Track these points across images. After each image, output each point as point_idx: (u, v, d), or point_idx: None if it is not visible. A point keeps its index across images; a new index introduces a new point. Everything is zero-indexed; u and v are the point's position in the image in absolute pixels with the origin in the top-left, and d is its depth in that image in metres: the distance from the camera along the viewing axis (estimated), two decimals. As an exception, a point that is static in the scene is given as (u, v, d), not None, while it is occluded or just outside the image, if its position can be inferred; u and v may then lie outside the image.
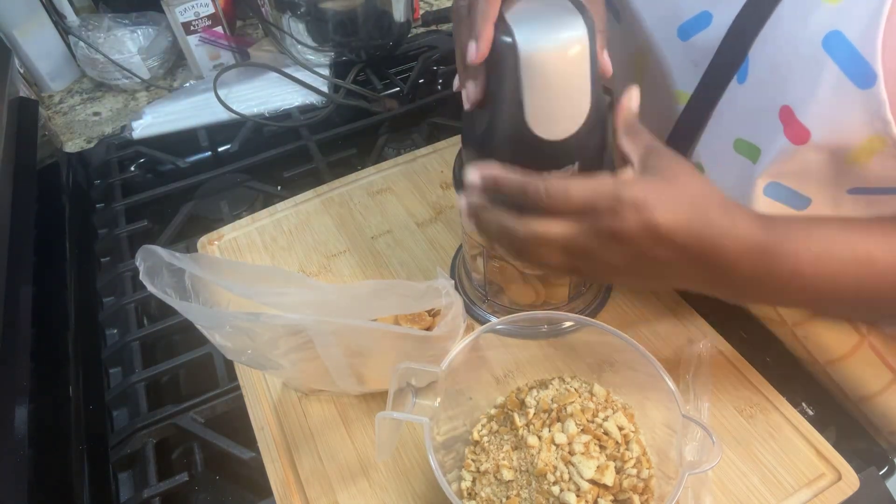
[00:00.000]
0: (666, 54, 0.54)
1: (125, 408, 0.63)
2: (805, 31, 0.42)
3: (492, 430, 0.51)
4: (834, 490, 0.49)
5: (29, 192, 0.75)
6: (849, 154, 0.43)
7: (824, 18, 0.41)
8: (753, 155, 0.49)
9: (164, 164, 0.88)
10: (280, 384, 0.59)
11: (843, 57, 0.40)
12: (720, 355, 0.57)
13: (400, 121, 0.93)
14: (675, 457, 0.45)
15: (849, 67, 0.40)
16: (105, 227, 0.81)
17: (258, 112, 0.90)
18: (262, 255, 0.71)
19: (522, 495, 0.45)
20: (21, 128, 0.80)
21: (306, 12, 0.92)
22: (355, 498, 0.51)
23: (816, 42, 0.41)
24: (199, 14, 0.96)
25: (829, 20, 0.41)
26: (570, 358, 0.57)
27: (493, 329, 0.53)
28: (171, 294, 0.43)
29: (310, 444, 0.55)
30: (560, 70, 0.43)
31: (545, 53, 0.42)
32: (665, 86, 0.55)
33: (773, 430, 0.52)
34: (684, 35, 0.51)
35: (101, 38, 0.98)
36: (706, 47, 0.50)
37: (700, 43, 0.50)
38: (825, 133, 0.42)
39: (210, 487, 0.57)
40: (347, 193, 0.76)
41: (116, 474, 0.58)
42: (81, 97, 1.03)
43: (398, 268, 0.68)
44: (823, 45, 0.41)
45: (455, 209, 0.72)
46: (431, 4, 1.18)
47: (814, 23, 0.41)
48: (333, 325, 0.45)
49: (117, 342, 0.66)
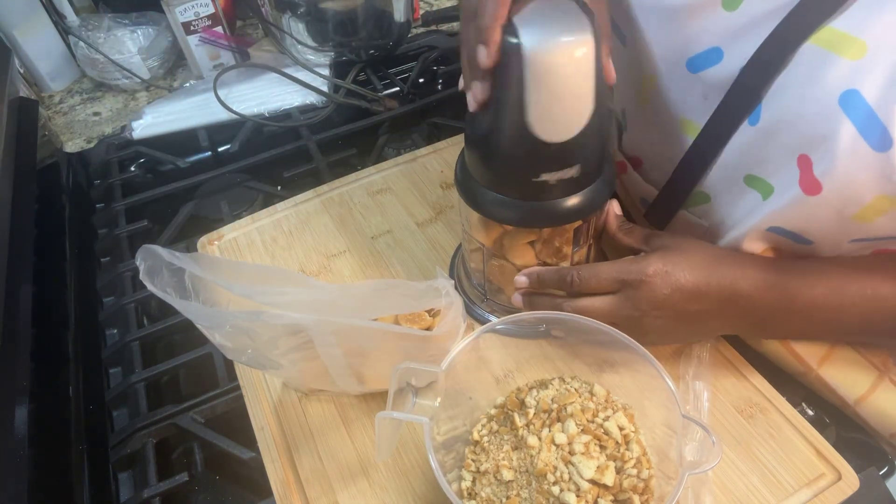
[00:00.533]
0: (674, 83, 0.54)
1: (125, 408, 0.63)
2: (822, 85, 0.42)
3: (492, 430, 0.51)
4: (834, 490, 0.49)
5: (29, 192, 0.75)
6: (856, 211, 0.44)
7: (842, 74, 0.41)
8: (766, 191, 0.49)
9: (164, 164, 0.88)
10: (280, 384, 0.59)
11: (860, 117, 0.40)
12: (720, 355, 0.57)
13: (400, 121, 0.93)
14: (675, 457, 0.45)
15: (865, 128, 0.40)
16: (105, 227, 0.81)
17: (258, 112, 0.90)
18: (262, 255, 0.71)
19: (522, 495, 0.45)
20: (21, 128, 0.80)
21: (306, 12, 0.92)
22: (355, 498, 0.51)
23: (833, 99, 0.41)
24: (199, 14, 0.96)
25: (846, 77, 0.40)
26: (570, 358, 0.57)
27: (493, 329, 0.53)
28: (172, 293, 0.43)
29: (310, 444, 0.55)
30: (564, 72, 0.43)
31: (550, 55, 0.42)
32: (672, 113, 0.55)
33: (773, 430, 0.52)
34: (693, 68, 0.51)
35: (101, 38, 0.98)
36: (717, 83, 0.49)
37: (710, 78, 0.50)
38: (836, 189, 0.43)
39: (210, 487, 0.57)
40: (347, 193, 0.76)
41: (116, 474, 0.58)
42: (81, 97, 1.03)
43: (398, 268, 0.68)
44: (840, 103, 0.41)
45: (455, 209, 0.72)
46: (431, 4, 1.18)
47: (831, 77, 0.41)
48: (333, 325, 0.45)
49: (117, 342, 0.66)
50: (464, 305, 0.50)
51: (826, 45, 0.42)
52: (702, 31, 0.49)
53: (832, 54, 0.41)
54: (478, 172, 0.51)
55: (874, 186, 0.41)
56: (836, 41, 0.41)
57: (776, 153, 0.46)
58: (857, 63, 0.40)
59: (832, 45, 0.41)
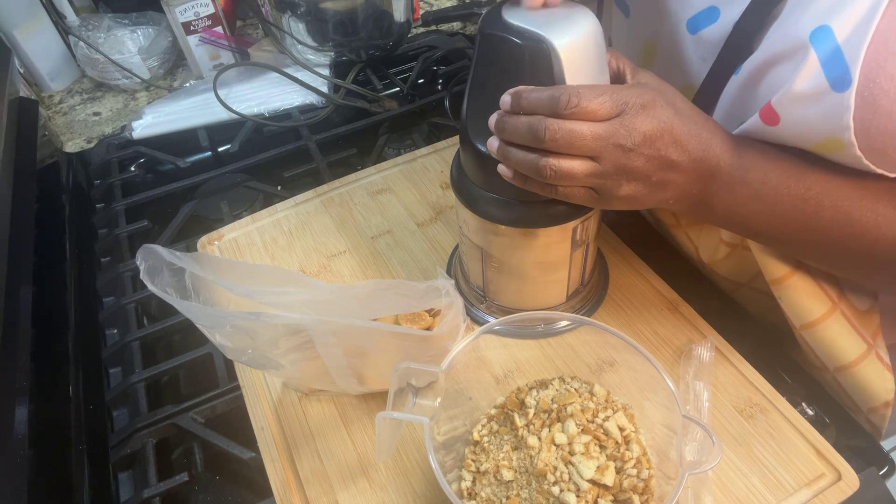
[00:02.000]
0: (674, 47, 0.54)
1: (125, 408, 0.63)
2: (798, 23, 0.42)
3: (492, 431, 0.51)
4: (834, 490, 0.49)
5: (29, 192, 0.75)
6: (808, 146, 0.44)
7: (819, 12, 0.41)
8: None
9: (164, 164, 0.88)
10: (280, 384, 0.59)
11: (825, 52, 0.40)
12: (720, 355, 0.57)
13: (400, 121, 0.93)
14: (675, 457, 0.45)
15: (828, 65, 0.40)
16: (105, 227, 0.81)
17: (258, 112, 0.90)
18: (262, 255, 0.71)
19: (522, 495, 0.45)
20: (21, 128, 0.80)
21: (306, 12, 0.92)
22: (355, 498, 0.51)
23: (805, 33, 0.41)
24: (199, 14, 0.96)
25: (822, 14, 0.41)
26: (569, 358, 0.57)
27: (493, 330, 0.53)
28: (172, 293, 0.43)
29: (310, 444, 0.55)
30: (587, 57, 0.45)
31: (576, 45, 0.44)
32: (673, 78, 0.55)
33: (773, 430, 0.52)
34: (693, 28, 0.52)
35: (101, 38, 0.98)
36: (713, 42, 0.50)
37: (707, 37, 0.51)
38: (792, 124, 0.43)
39: (210, 487, 0.57)
40: (347, 193, 0.76)
41: (116, 474, 0.58)
42: (81, 97, 1.03)
43: (398, 268, 0.68)
44: (810, 37, 0.41)
45: (454, 209, 0.72)
46: (431, 4, 1.18)
47: (809, 14, 0.42)
48: (333, 325, 0.45)
49: (117, 342, 0.66)
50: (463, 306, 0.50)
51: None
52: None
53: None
54: (473, 173, 0.52)
55: (826, 126, 0.41)
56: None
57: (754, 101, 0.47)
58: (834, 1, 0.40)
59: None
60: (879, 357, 0.55)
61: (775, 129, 0.45)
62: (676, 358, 0.57)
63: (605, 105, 0.42)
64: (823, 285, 0.55)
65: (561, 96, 0.42)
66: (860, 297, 0.57)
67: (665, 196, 0.45)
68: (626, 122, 0.42)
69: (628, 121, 0.42)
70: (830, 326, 0.54)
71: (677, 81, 0.55)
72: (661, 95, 0.43)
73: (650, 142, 0.42)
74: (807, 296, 0.54)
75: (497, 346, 0.56)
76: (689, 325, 0.60)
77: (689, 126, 0.43)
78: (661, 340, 0.59)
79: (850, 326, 0.55)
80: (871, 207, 0.45)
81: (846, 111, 0.40)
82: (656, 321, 0.60)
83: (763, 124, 0.45)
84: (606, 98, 0.42)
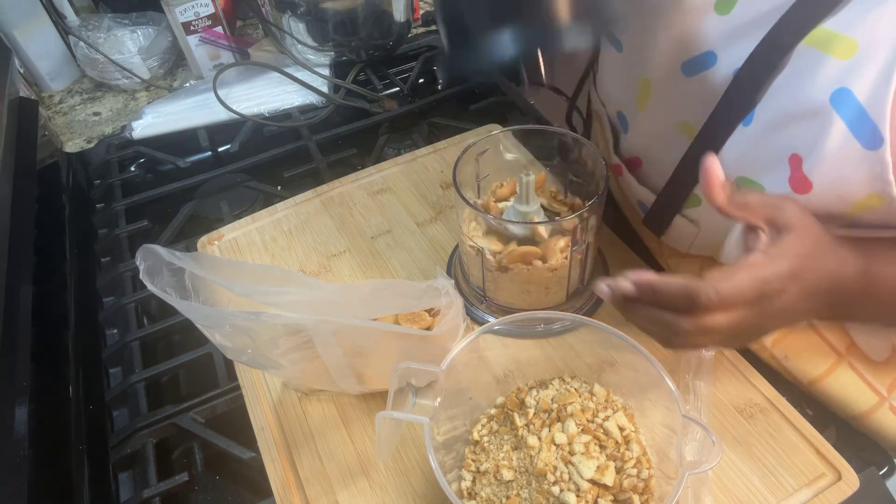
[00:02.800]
0: (670, 88, 0.53)
1: (125, 408, 0.63)
2: (814, 84, 0.42)
3: (492, 430, 0.51)
4: (834, 490, 0.49)
5: (29, 192, 0.75)
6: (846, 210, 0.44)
7: (834, 73, 0.41)
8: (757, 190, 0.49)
9: (164, 164, 0.88)
10: (280, 384, 0.59)
11: (851, 115, 0.40)
12: (720, 355, 0.57)
13: (400, 121, 0.93)
14: (675, 457, 0.45)
15: (855, 126, 0.40)
16: (105, 227, 0.81)
17: (258, 112, 0.90)
18: (262, 255, 0.71)
19: (522, 495, 0.45)
20: (21, 128, 0.80)
21: (306, 12, 0.92)
22: (355, 498, 0.51)
23: (824, 97, 0.41)
24: (199, 14, 0.96)
25: (838, 76, 0.40)
26: (570, 358, 0.57)
27: (492, 330, 0.53)
28: (172, 293, 0.43)
29: (310, 444, 0.55)
30: None
31: None
32: (670, 115, 0.55)
33: (773, 430, 0.52)
34: (689, 72, 0.51)
35: (101, 38, 0.98)
36: (712, 87, 0.49)
37: (705, 82, 0.50)
38: (826, 187, 0.43)
39: (210, 487, 0.57)
40: (347, 193, 0.76)
41: (116, 474, 0.58)
42: (81, 97, 1.03)
43: (398, 268, 0.68)
44: (831, 101, 0.41)
45: (454, 209, 0.72)
46: (431, 4, 1.18)
47: (823, 77, 0.41)
48: (333, 325, 0.45)
49: (117, 342, 0.66)
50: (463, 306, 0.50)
51: (818, 45, 0.42)
52: (695, 35, 0.49)
53: (824, 54, 0.41)
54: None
55: (865, 185, 0.41)
56: (828, 41, 0.41)
57: (768, 154, 0.46)
58: (848, 62, 0.40)
59: (824, 45, 0.42)
60: (894, 409, 0.54)
61: (807, 196, 0.44)
62: (676, 357, 0.57)
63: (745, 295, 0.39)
64: (828, 338, 0.54)
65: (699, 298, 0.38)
66: (876, 348, 0.55)
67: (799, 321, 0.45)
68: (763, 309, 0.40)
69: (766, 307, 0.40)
70: (837, 380, 0.54)
71: (673, 120, 0.54)
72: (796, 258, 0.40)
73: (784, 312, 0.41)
74: (809, 351, 0.54)
75: (497, 346, 0.56)
76: (689, 325, 0.60)
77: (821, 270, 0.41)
78: (661, 340, 0.59)
79: (859, 379, 0.54)
80: None
81: (885, 168, 0.39)
82: (656, 321, 0.60)
83: (794, 193, 0.44)
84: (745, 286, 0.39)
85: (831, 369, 0.54)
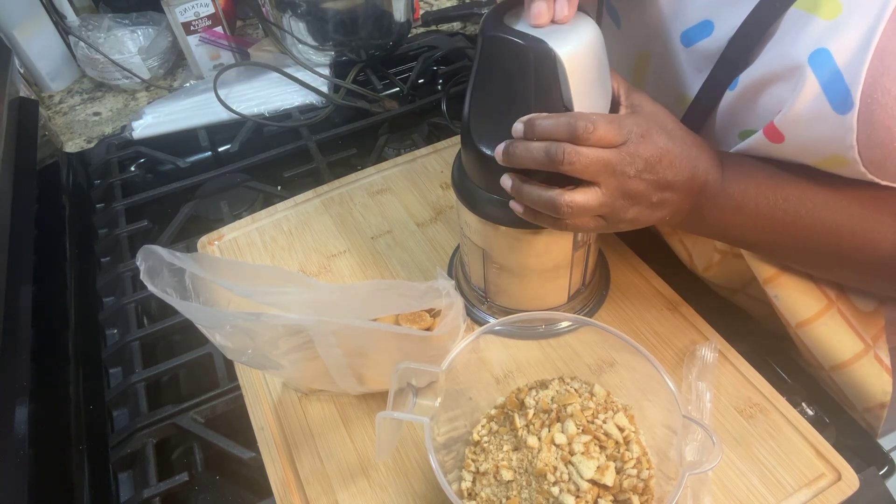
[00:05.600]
0: (668, 59, 0.54)
1: (125, 408, 0.63)
2: (797, 44, 0.42)
3: (492, 431, 0.51)
4: (834, 490, 0.49)
5: (29, 192, 0.75)
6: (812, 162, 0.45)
7: (816, 34, 0.41)
8: None
9: (164, 164, 0.88)
10: (280, 384, 0.59)
11: (826, 77, 0.41)
12: (720, 355, 0.57)
13: (400, 121, 0.93)
14: (675, 457, 0.45)
15: (828, 87, 0.41)
16: (105, 227, 0.81)
17: (258, 112, 0.90)
18: (262, 255, 0.71)
19: (522, 496, 0.45)
20: (21, 128, 0.80)
21: (307, 12, 0.92)
22: (355, 498, 0.51)
23: (803, 56, 0.42)
24: (199, 14, 0.96)
25: (819, 36, 0.41)
26: (570, 358, 0.57)
27: (493, 330, 0.53)
28: (172, 294, 0.43)
29: (310, 444, 0.55)
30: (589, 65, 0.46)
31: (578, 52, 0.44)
32: (667, 89, 0.55)
33: (773, 430, 0.52)
34: (687, 41, 0.52)
35: (101, 38, 0.98)
36: (708, 55, 0.50)
37: (702, 50, 0.51)
38: (796, 142, 0.45)
39: (210, 487, 0.57)
40: (347, 193, 0.76)
41: (116, 474, 0.58)
42: (81, 97, 1.03)
43: (398, 268, 0.68)
44: (809, 61, 0.41)
45: (454, 209, 0.72)
46: (431, 4, 1.17)
47: (806, 37, 0.42)
48: (333, 325, 0.45)
49: (117, 342, 0.66)
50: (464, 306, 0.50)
51: (806, 7, 0.43)
52: (693, 4, 0.50)
53: (811, 15, 0.42)
54: (475, 174, 0.52)
55: (830, 145, 0.42)
56: (816, 2, 0.42)
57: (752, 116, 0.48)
58: (831, 23, 0.41)
59: (811, 6, 0.42)
60: (878, 358, 0.55)
61: (780, 146, 0.46)
62: (677, 358, 0.57)
63: (614, 133, 0.44)
64: (820, 283, 0.55)
65: (578, 123, 0.43)
66: (864, 299, 0.57)
67: (662, 214, 0.47)
68: (630, 150, 0.44)
69: (632, 148, 0.44)
70: (825, 324, 0.54)
71: (671, 93, 0.55)
72: (655, 121, 0.46)
73: (650, 167, 0.44)
74: (800, 293, 0.54)
75: (497, 347, 0.56)
76: (689, 326, 0.60)
77: (682, 147, 0.45)
78: (661, 341, 0.59)
79: (846, 325, 0.55)
80: (867, 216, 0.46)
81: (850, 132, 0.41)
82: (657, 321, 0.60)
83: (768, 141, 0.46)
84: (615, 126, 0.44)
85: (821, 313, 0.55)
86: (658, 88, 0.56)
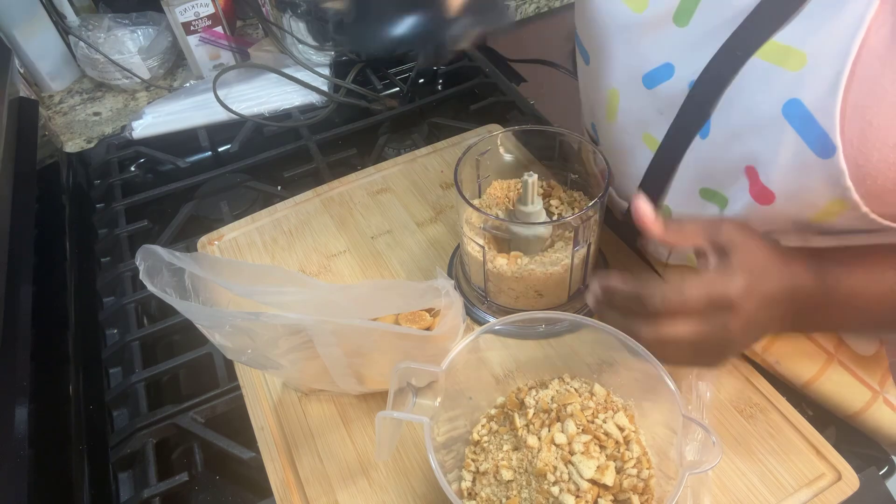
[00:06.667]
0: (633, 99, 0.54)
1: (125, 408, 0.63)
2: (766, 95, 0.42)
3: (491, 431, 0.51)
4: (834, 490, 0.49)
5: (29, 192, 0.75)
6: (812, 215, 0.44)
7: (785, 85, 0.41)
8: (721, 203, 0.50)
9: (164, 164, 0.88)
10: (280, 384, 0.59)
11: (802, 125, 0.40)
12: (720, 355, 0.57)
13: (400, 121, 0.93)
14: (675, 457, 0.45)
15: (808, 136, 0.40)
16: (105, 227, 0.81)
17: (258, 112, 0.90)
18: (262, 255, 0.71)
19: (522, 495, 0.45)
20: (21, 128, 0.80)
21: (306, 12, 0.92)
22: (355, 498, 0.51)
23: (776, 108, 0.41)
24: (199, 14, 0.96)
25: (788, 87, 0.41)
26: (570, 358, 0.57)
27: (493, 330, 0.53)
28: (172, 293, 0.43)
29: (310, 444, 0.55)
30: None
31: None
32: (635, 128, 0.55)
33: (773, 430, 0.52)
34: (649, 83, 0.51)
35: (101, 38, 0.97)
36: (671, 98, 0.50)
37: (664, 93, 0.50)
38: (788, 197, 0.44)
39: (210, 487, 0.57)
40: (347, 193, 0.76)
41: (116, 474, 0.58)
42: (81, 97, 1.02)
43: (398, 268, 0.68)
44: (783, 112, 0.41)
45: (454, 209, 0.72)
46: (431, 4, 1.17)
47: (775, 88, 0.42)
48: (333, 325, 0.45)
49: (117, 342, 0.66)
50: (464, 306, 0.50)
51: (770, 58, 0.42)
52: (655, 47, 0.50)
53: (776, 67, 0.42)
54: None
55: (825, 192, 0.42)
56: (780, 54, 0.42)
57: (726, 165, 0.47)
58: (797, 73, 0.40)
59: (776, 58, 0.42)
60: (888, 402, 0.55)
61: (771, 207, 0.45)
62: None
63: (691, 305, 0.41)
64: (816, 338, 0.55)
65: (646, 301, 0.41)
66: (864, 343, 0.56)
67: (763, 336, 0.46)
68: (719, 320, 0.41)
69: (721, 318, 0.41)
70: (829, 379, 0.55)
71: (639, 132, 0.55)
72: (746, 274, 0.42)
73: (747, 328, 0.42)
74: (799, 354, 0.55)
75: (497, 347, 0.56)
76: (689, 325, 0.60)
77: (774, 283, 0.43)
78: (661, 340, 0.59)
79: (850, 376, 0.55)
80: None
81: (842, 174, 0.40)
82: (656, 321, 0.60)
83: (758, 205, 0.45)
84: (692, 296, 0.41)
85: (823, 369, 0.55)
86: (626, 126, 0.56)
